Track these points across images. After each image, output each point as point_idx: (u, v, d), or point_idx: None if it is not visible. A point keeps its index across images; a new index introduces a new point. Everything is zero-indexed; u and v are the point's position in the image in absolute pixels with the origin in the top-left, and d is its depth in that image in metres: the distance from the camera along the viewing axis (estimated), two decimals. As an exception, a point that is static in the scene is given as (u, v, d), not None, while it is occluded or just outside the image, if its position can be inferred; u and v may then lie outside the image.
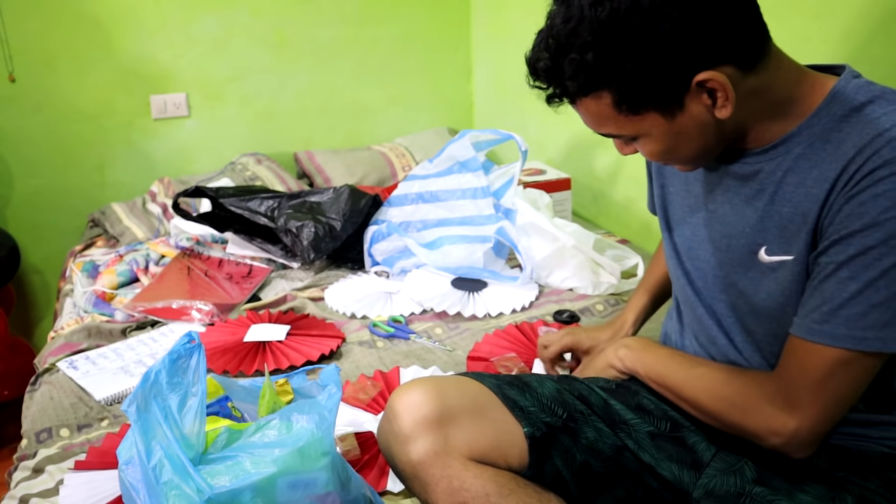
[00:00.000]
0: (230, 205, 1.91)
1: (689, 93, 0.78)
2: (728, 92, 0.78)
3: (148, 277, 1.87)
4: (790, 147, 0.83)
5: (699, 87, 0.78)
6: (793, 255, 0.83)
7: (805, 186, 0.81)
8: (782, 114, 0.83)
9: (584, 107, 0.83)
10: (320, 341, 1.51)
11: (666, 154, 0.85)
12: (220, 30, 2.54)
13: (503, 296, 1.70)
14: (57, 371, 1.48)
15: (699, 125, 0.81)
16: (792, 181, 0.82)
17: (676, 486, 0.94)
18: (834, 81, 0.83)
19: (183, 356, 0.90)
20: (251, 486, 0.81)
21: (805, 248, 0.81)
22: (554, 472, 0.93)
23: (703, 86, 0.78)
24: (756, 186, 0.87)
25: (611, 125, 0.83)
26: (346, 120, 2.80)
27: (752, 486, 0.90)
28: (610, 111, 0.81)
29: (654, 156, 0.86)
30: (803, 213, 0.81)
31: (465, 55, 2.89)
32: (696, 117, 0.80)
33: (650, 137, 0.83)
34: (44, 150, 2.44)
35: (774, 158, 0.85)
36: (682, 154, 0.86)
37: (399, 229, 1.88)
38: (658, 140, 0.83)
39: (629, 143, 0.87)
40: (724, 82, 0.77)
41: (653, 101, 0.79)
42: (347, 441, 1.18)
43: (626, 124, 0.82)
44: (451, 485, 0.87)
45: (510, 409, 0.94)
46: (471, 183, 1.91)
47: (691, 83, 0.77)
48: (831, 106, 0.81)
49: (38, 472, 1.20)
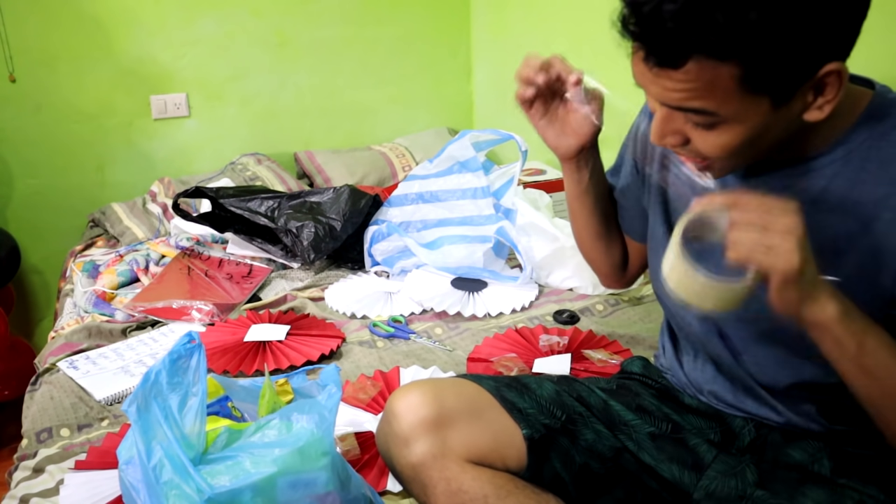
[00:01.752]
0: (230, 205, 1.92)
1: (807, 84, 0.71)
2: (842, 87, 0.71)
3: (148, 277, 1.87)
4: (824, 163, 0.79)
5: (819, 80, 0.71)
6: (835, 277, 0.76)
7: (844, 207, 0.77)
8: (815, 131, 0.78)
9: (691, 72, 0.69)
10: (320, 341, 1.51)
11: (739, 149, 0.75)
12: (220, 30, 2.53)
13: (503, 296, 1.70)
14: (57, 371, 1.48)
15: (786, 122, 0.74)
16: (828, 199, 0.78)
17: (677, 487, 0.94)
18: (870, 95, 0.79)
19: (183, 356, 0.90)
20: (251, 486, 0.81)
21: (853, 272, 0.77)
22: (552, 473, 0.93)
23: (823, 79, 0.70)
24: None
25: (714, 99, 0.71)
26: (346, 120, 2.80)
27: (752, 489, 0.90)
28: (727, 83, 0.69)
29: (724, 149, 0.75)
30: (846, 235, 0.77)
31: (465, 55, 2.89)
32: (791, 112, 0.73)
33: (741, 125, 0.73)
34: (44, 150, 2.44)
35: (805, 174, 0.80)
36: (748, 154, 0.77)
37: (399, 229, 1.88)
38: (747, 130, 0.73)
39: (703, 127, 0.75)
40: (846, 76, 0.70)
41: (776, 84, 0.70)
42: (347, 441, 1.18)
43: (732, 103, 0.71)
44: (449, 487, 0.87)
45: (508, 411, 0.94)
46: (471, 183, 1.91)
47: (817, 73, 0.70)
48: (870, 122, 0.77)
49: (38, 471, 1.20)
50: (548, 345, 1.46)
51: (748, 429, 0.96)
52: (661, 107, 0.76)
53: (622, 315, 1.64)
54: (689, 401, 1.02)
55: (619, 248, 1.12)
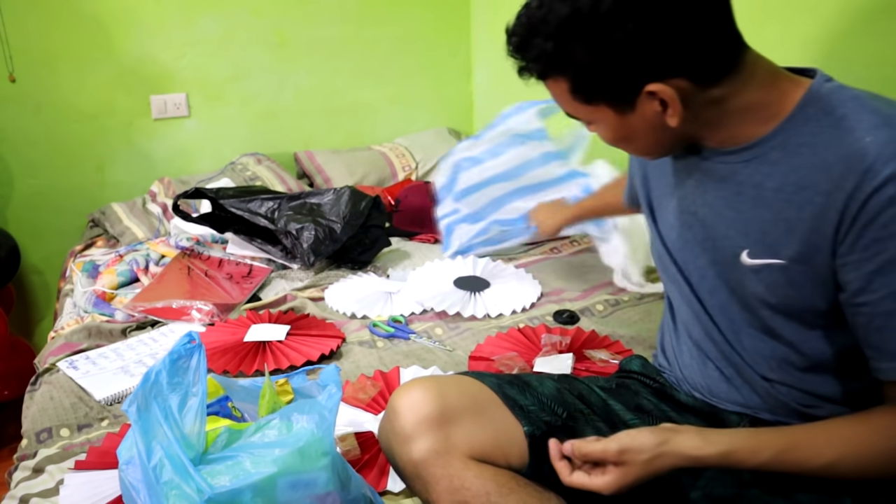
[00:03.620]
0: (230, 206, 1.91)
1: (639, 97, 0.81)
2: (675, 105, 0.80)
3: (148, 277, 1.87)
4: (765, 150, 0.83)
5: (650, 95, 0.80)
6: (782, 260, 0.82)
7: (785, 192, 0.81)
8: (753, 117, 0.83)
9: (547, 85, 0.88)
10: (320, 341, 1.51)
11: (617, 142, 0.90)
12: (220, 30, 2.54)
13: (505, 296, 1.70)
14: (57, 371, 1.48)
15: (650, 126, 0.84)
16: (771, 186, 0.83)
17: (674, 486, 0.94)
18: (807, 85, 0.82)
19: (183, 356, 0.90)
20: (251, 486, 0.81)
21: (798, 255, 0.81)
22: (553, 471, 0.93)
23: (654, 95, 0.80)
24: (734, 189, 0.87)
25: (568, 107, 0.88)
26: (346, 120, 2.80)
27: (749, 487, 0.90)
28: (566, 95, 0.85)
29: (607, 141, 0.90)
30: (786, 220, 0.81)
31: (465, 55, 2.89)
32: (647, 119, 0.83)
33: (602, 125, 0.88)
34: (44, 150, 2.44)
35: (749, 161, 0.85)
36: (634, 146, 0.91)
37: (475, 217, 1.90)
38: (609, 129, 0.88)
39: (589, 124, 0.91)
40: (672, 96, 0.79)
41: (604, 96, 0.83)
42: (347, 441, 1.18)
43: (580, 109, 0.87)
44: (451, 484, 0.87)
45: (510, 409, 0.94)
46: (538, 150, 1.89)
47: (642, 90, 0.80)
48: (805, 110, 0.81)
49: (38, 471, 1.20)
50: (550, 344, 1.46)
51: (743, 425, 0.96)
52: None
53: (622, 315, 1.64)
54: (685, 399, 1.02)
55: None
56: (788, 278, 0.83)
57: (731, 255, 0.88)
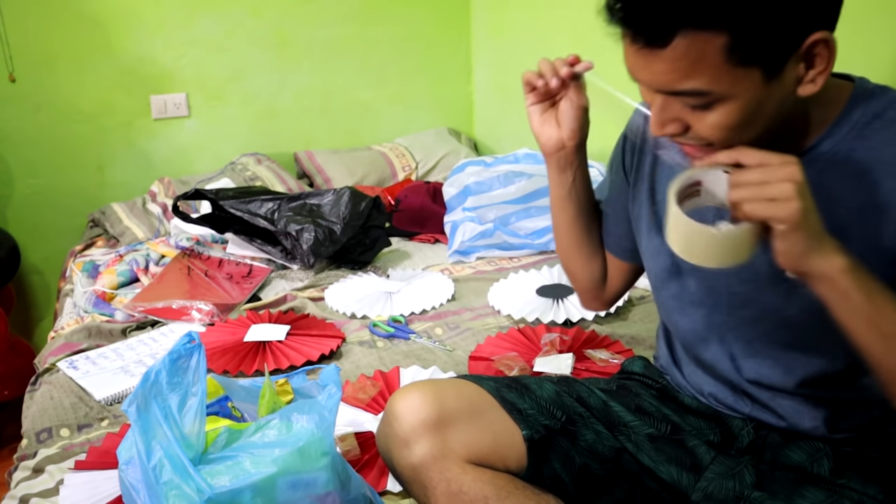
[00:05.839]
0: (230, 207, 1.91)
1: (795, 55, 0.71)
2: (832, 58, 0.71)
3: (148, 277, 1.87)
4: (814, 156, 0.80)
5: (806, 50, 0.71)
6: None
7: (835, 199, 0.78)
8: (804, 126, 0.80)
9: (679, 49, 0.70)
10: (320, 341, 1.51)
11: (739, 124, 0.74)
12: (220, 30, 2.54)
13: (571, 306, 1.66)
14: (57, 371, 1.48)
15: (780, 100, 0.74)
16: (817, 194, 0.77)
17: (675, 488, 0.94)
18: (850, 88, 0.80)
19: (183, 356, 0.90)
20: (251, 486, 0.81)
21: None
22: (552, 474, 0.93)
23: (811, 50, 0.71)
24: None
25: (705, 76, 0.71)
26: (346, 120, 2.80)
27: (750, 490, 0.89)
28: (716, 58, 0.69)
29: (723, 129, 0.75)
30: (839, 227, 0.76)
31: (465, 55, 2.89)
32: (784, 87, 0.73)
33: (736, 102, 0.72)
34: (44, 150, 2.44)
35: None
36: (748, 132, 0.76)
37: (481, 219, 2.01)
38: (743, 107, 0.73)
39: (700, 109, 0.74)
40: (834, 46, 0.70)
41: (765, 54, 0.70)
42: (347, 441, 1.18)
43: (724, 78, 0.71)
44: (449, 488, 0.87)
45: (508, 412, 0.94)
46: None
47: (804, 42, 0.70)
48: (852, 115, 0.79)
49: (38, 471, 1.20)
50: (550, 343, 1.45)
51: (747, 430, 0.96)
52: (657, 95, 0.76)
53: (622, 315, 1.64)
54: (688, 401, 1.01)
55: (599, 263, 1.10)
56: None
57: (773, 270, 0.80)
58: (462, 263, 1.98)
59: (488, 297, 1.74)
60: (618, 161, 1.04)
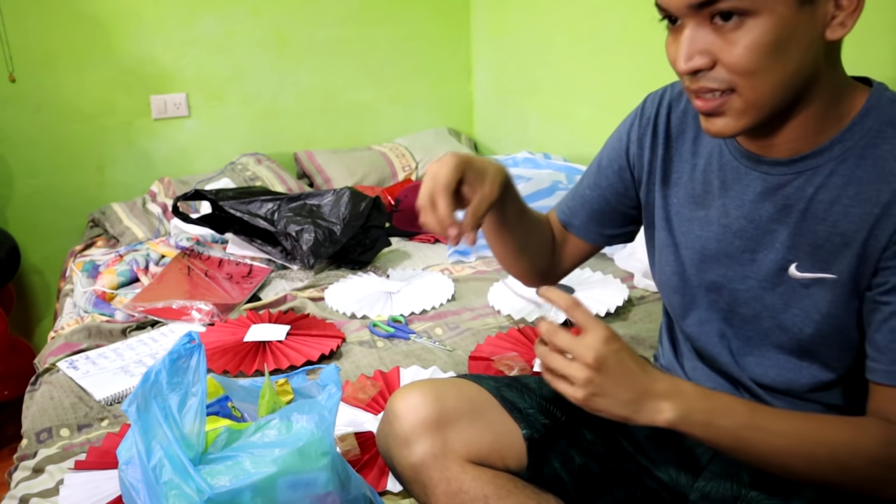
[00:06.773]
0: (230, 208, 1.92)
1: None
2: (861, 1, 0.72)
3: (148, 277, 1.87)
4: (820, 161, 0.80)
5: None
6: (833, 275, 0.79)
7: (842, 204, 0.78)
8: (817, 122, 0.79)
9: None
10: (320, 341, 1.51)
11: (768, 54, 0.73)
12: (220, 30, 2.54)
13: (593, 300, 1.66)
14: (57, 371, 1.48)
15: (808, 41, 0.73)
16: (825, 198, 0.79)
17: (673, 488, 0.94)
18: (866, 92, 0.80)
19: (183, 356, 0.90)
20: (251, 486, 0.81)
21: (849, 269, 0.78)
22: (552, 473, 0.93)
23: None
24: (781, 201, 0.83)
25: None
26: (346, 120, 2.80)
27: (748, 490, 0.90)
28: None
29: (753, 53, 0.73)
30: (843, 233, 0.78)
31: (465, 55, 2.89)
32: (815, 23, 0.72)
33: (767, 19, 0.71)
34: (44, 150, 2.44)
35: (802, 172, 0.81)
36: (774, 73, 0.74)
37: None
38: (774, 26, 0.71)
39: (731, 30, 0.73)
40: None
41: None
42: (347, 441, 1.18)
43: None
44: (449, 487, 0.87)
45: (508, 412, 0.94)
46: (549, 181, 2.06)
47: None
48: (865, 121, 0.78)
49: (38, 471, 1.20)
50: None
51: None
52: (689, 21, 0.75)
53: (622, 315, 1.64)
54: None
55: (544, 256, 1.09)
56: (835, 295, 0.80)
57: (775, 270, 0.84)
58: (462, 263, 1.98)
59: (488, 297, 1.74)
60: (617, 152, 1.02)
